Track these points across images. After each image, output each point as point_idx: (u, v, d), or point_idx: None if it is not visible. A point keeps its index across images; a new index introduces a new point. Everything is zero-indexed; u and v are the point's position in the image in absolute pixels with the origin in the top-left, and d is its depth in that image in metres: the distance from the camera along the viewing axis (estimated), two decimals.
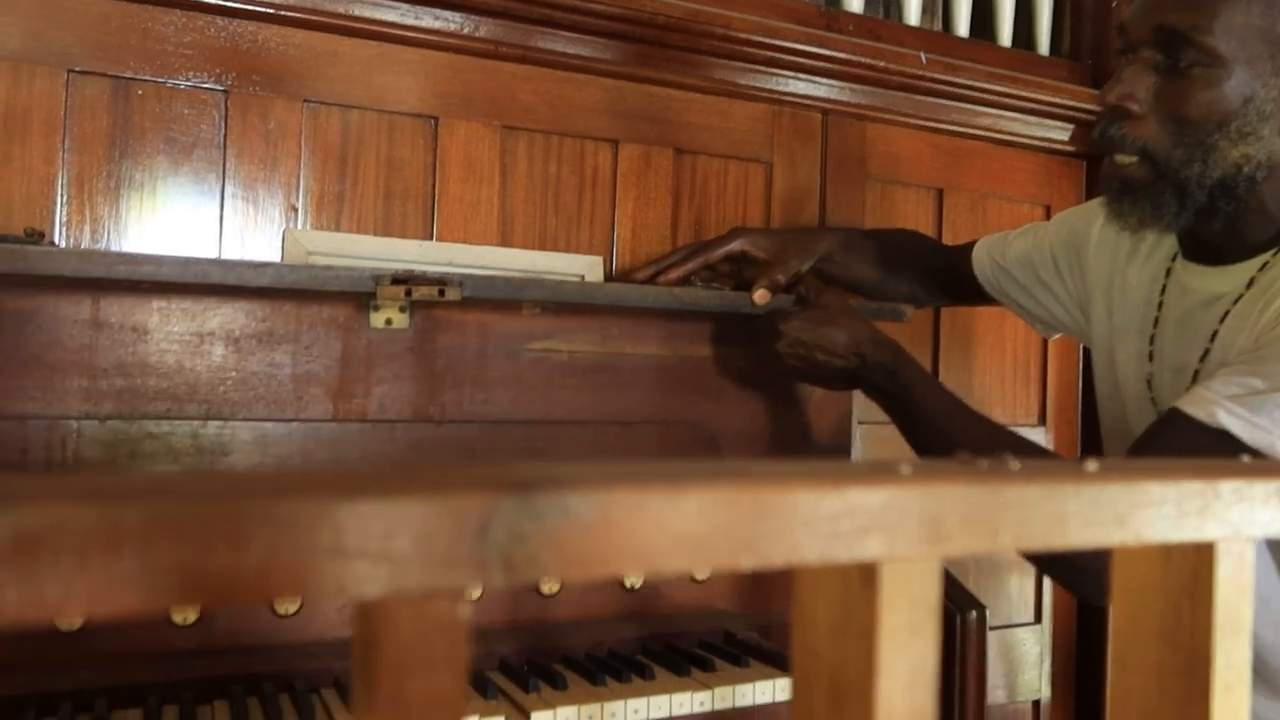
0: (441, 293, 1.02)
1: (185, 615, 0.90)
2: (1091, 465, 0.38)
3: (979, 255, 1.32)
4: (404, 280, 1.02)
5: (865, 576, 0.31)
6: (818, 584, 0.33)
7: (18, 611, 0.21)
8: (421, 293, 1.02)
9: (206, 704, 0.91)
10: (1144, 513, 0.37)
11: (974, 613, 1.15)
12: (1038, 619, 1.77)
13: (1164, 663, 0.40)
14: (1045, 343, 1.77)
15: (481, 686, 0.97)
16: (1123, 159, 0.98)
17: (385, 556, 0.24)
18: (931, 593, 0.32)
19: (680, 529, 0.28)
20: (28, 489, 0.22)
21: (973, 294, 1.35)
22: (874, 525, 0.31)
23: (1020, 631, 1.75)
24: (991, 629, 1.71)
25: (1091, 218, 1.19)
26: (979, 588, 1.66)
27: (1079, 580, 1.00)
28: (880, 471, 0.32)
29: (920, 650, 0.32)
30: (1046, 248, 1.24)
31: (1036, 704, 1.76)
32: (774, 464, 0.32)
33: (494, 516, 0.25)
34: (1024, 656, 1.75)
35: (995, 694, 1.70)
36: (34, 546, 0.21)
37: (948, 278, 1.37)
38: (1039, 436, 1.76)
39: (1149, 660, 0.41)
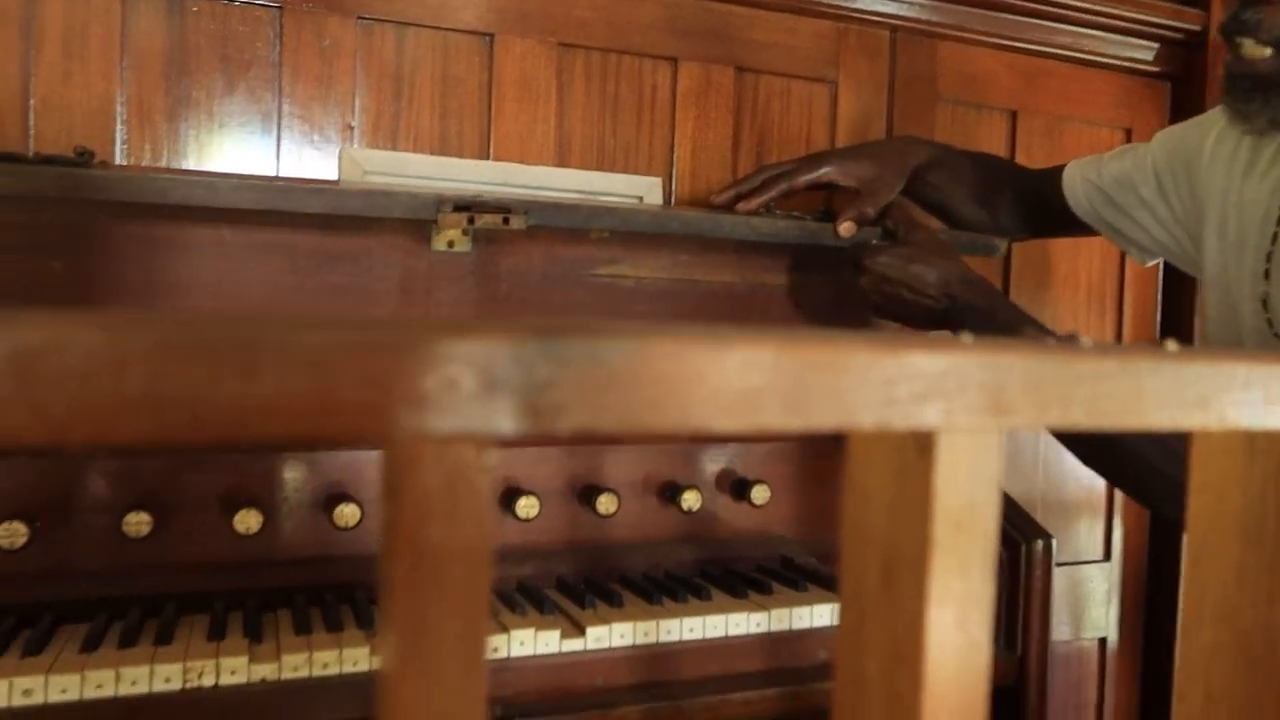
0: (506, 220, 1.01)
1: (248, 525, 0.92)
2: (1172, 346, 0.36)
3: (1070, 177, 1.24)
4: (467, 207, 1.00)
5: (921, 447, 0.29)
6: (871, 455, 0.31)
7: (26, 431, 0.20)
8: (485, 220, 1.00)
9: (270, 612, 0.93)
10: (1229, 396, 0.34)
11: (1040, 542, 1.12)
12: (1107, 557, 1.73)
13: (1244, 560, 0.38)
14: (1122, 272, 1.70)
15: (538, 602, 0.97)
16: (1253, 51, 0.88)
17: (406, 397, 0.23)
18: (992, 467, 0.30)
19: (722, 384, 0.26)
20: (31, 314, 0.21)
21: (1060, 222, 1.28)
22: (932, 392, 0.29)
23: (1088, 568, 1.71)
24: (1059, 564, 1.67)
25: (1205, 130, 1.11)
26: (1048, 524, 1.62)
27: (1153, 489, 0.96)
28: (941, 340, 0.30)
29: (979, 528, 0.30)
30: (1149, 165, 1.17)
31: (1103, 642, 1.73)
32: (826, 330, 0.30)
33: (519, 361, 0.24)
34: (1091, 594, 1.71)
35: (1060, 630, 1.67)
36: (36, 364, 0.20)
37: (1033, 203, 1.30)
38: None
39: (1228, 557, 0.38)
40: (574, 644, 0.91)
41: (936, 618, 0.30)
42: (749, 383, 0.26)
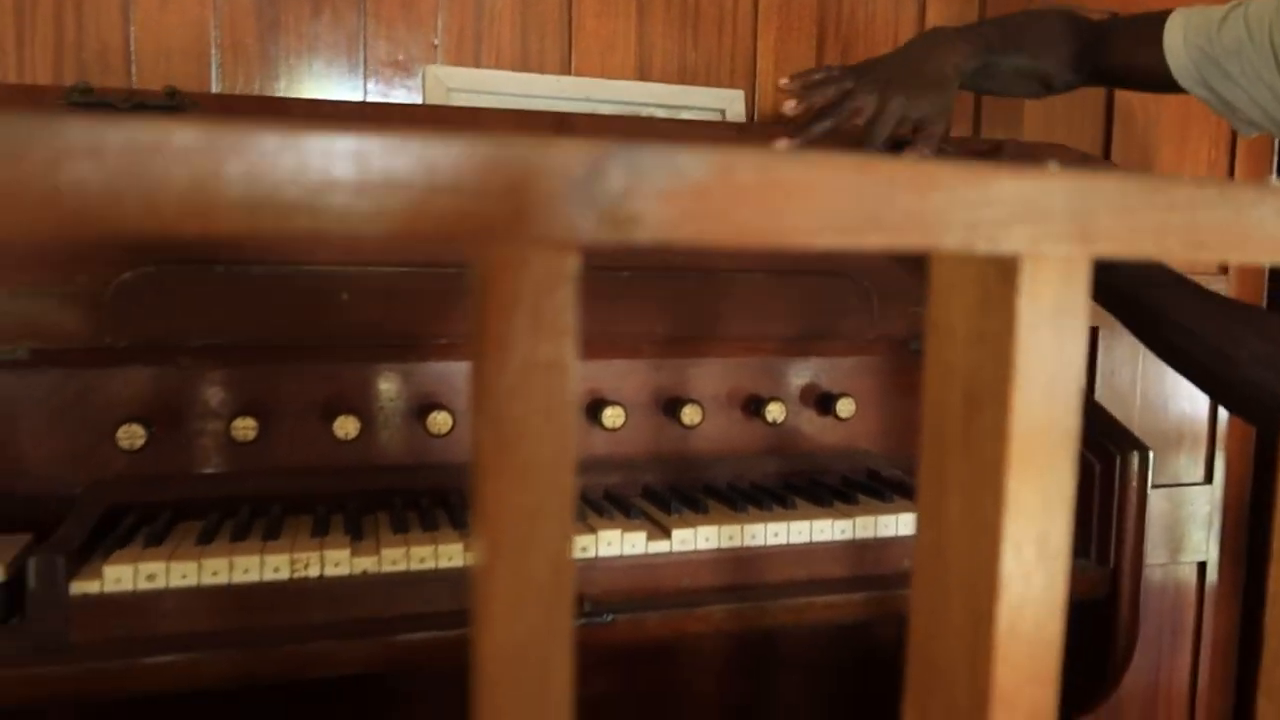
0: None
1: (347, 430, 0.96)
2: (1275, 181, 0.34)
3: (1173, 42, 1.12)
4: None
5: (1004, 273, 0.29)
6: (953, 286, 0.30)
7: (141, 222, 0.21)
8: None
9: (370, 514, 0.97)
10: None
11: (1136, 454, 1.09)
12: (1208, 479, 1.68)
13: None
14: (1233, 165, 1.62)
15: (625, 508, 0.99)
16: None
17: (489, 206, 0.24)
18: (1077, 295, 0.30)
19: (804, 200, 0.26)
20: (143, 115, 0.22)
21: (1149, 84, 1.18)
22: (1016, 217, 0.28)
23: (1189, 491, 1.66)
24: (1157, 485, 1.63)
25: None
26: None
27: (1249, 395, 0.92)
28: (1028, 167, 0.30)
29: (1063, 354, 0.29)
30: (1265, 32, 1.08)
31: (1202, 566, 1.68)
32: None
33: (598, 171, 0.24)
34: (1191, 516, 1.67)
35: (1156, 553, 1.63)
36: (146, 160, 0.21)
37: (1113, 65, 1.20)
38: (1222, 284, 1.62)
39: None
40: (660, 546, 0.93)
41: (1019, 448, 0.30)
42: (831, 198, 0.26)
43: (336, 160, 0.23)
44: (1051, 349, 0.30)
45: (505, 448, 0.24)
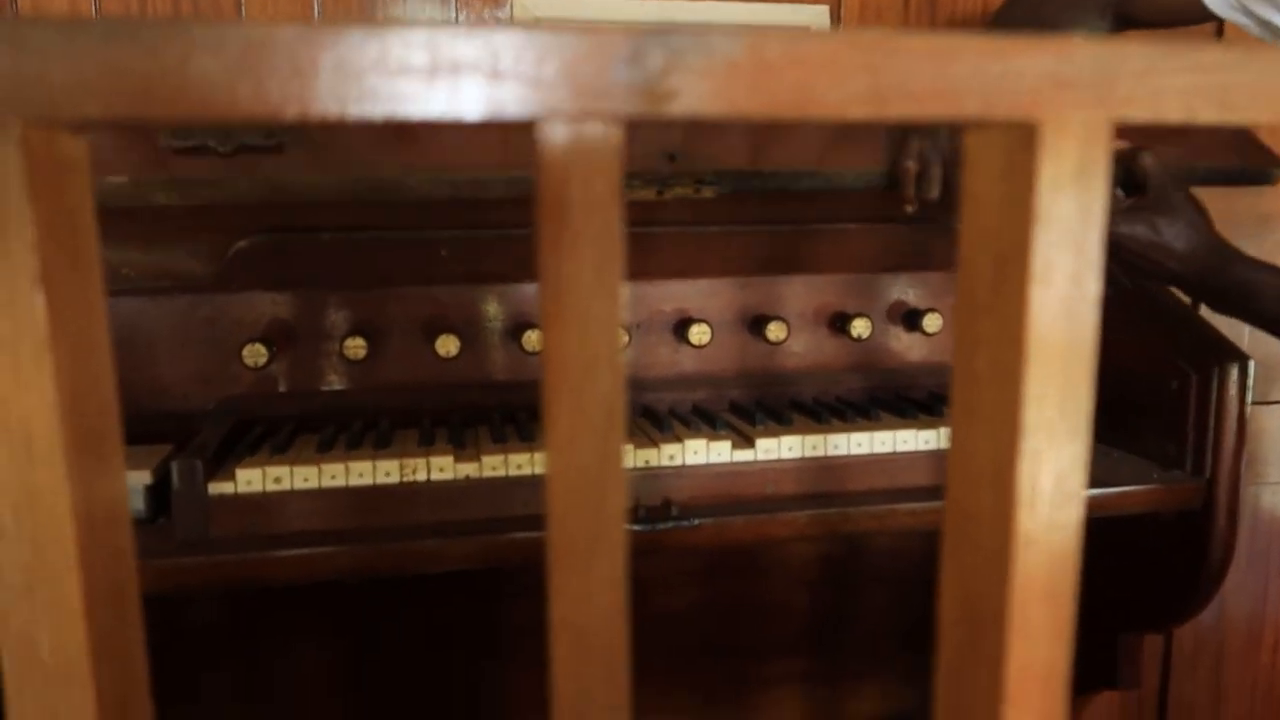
0: (697, 190, 0.99)
1: (448, 349, 1.02)
2: None
3: None
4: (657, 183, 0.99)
5: (1025, 138, 0.31)
6: (983, 154, 0.32)
7: (250, 107, 0.26)
8: (675, 192, 0.99)
9: (471, 428, 1.03)
10: None
11: (1235, 365, 1.07)
12: None
13: None
14: None
15: (711, 421, 1.03)
16: None
17: (539, 80, 0.27)
18: (1099, 156, 0.31)
19: (830, 75, 0.29)
20: (249, 21, 0.26)
21: (1178, 20, 1.14)
22: (1037, 85, 0.30)
23: None
24: (1274, 403, 1.58)
25: None
26: (1263, 362, 1.51)
27: None
28: (1050, 38, 0.31)
29: (1085, 214, 0.31)
30: None
31: None
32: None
33: (638, 50, 0.27)
34: None
35: (1272, 471, 1.59)
36: (253, 54, 0.25)
37: (1141, 12, 1.16)
38: None
39: None
40: (744, 454, 0.97)
41: (1039, 296, 0.32)
42: (855, 72, 0.29)
43: (412, 50, 0.27)
44: (1074, 209, 0.31)
45: (563, 303, 0.28)
